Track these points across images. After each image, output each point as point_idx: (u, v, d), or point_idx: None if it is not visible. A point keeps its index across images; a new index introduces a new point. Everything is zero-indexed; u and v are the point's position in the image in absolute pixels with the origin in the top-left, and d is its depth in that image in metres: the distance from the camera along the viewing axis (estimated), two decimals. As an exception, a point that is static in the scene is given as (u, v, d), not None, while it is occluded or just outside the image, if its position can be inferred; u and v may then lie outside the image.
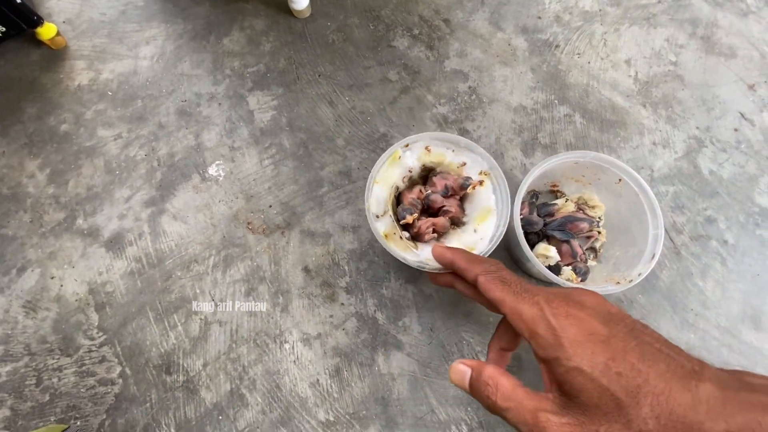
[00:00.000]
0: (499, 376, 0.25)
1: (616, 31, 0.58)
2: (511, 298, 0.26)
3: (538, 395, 0.24)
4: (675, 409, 0.19)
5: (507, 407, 0.24)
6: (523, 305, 0.25)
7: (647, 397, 0.20)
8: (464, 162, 0.43)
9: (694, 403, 0.19)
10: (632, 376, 0.20)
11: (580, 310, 0.24)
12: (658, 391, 0.20)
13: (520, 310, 0.25)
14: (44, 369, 0.45)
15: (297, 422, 0.42)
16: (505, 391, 0.24)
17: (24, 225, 0.50)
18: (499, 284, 0.27)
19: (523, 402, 0.24)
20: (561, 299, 0.24)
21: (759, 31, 0.58)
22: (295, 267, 0.48)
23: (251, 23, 0.60)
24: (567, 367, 0.22)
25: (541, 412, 0.22)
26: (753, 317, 0.46)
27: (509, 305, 0.26)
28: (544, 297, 0.25)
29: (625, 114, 0.54)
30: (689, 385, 0.20)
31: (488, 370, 0.26)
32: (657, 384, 0.20)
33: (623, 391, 0.20)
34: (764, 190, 0.51)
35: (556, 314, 0.24)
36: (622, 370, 0.21)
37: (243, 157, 0.52)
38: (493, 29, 0.59)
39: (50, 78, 0.57)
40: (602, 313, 0.24)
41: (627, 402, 0.20)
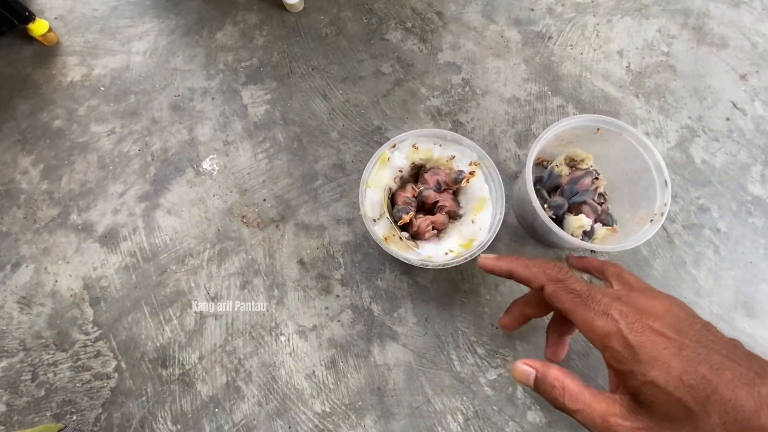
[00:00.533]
0: (565, 378, 0.26)
1: (609, 22, 0.59)
2: (582, 310, 0.26)
3: (605, 398, 0.25)
4: (740, 416, 0.21)
5: (576, 409, 0.25)
6: (596, 320, 0.25)
7: (716, 405, 0.21)
8: (453, 155, 0.43)
9: (757, 408, 0.21)
10: (702, 387, 0.21)
11: (654, 321, 0.24)
12: (725, 400, 0.21)
13: (593, 324, 0.25)
14: (39, 364, 0.45)
15: (293, 414, 0.43)
16: (573, 393, 0.25)
17: (18, 221, 0.50)
18: (568, 295, 0.27)
19: (592, 405, 0.25)
20: (635, 312, 0.25)
21: (751, 21, 0.59)
22: (290, 260, 0.48)
23: (244, 17, 0.60)
24: (642, 381, 0.23)
25: (611, 416, 0.24)
26: (746, 304, 0.46)
27: (580, 317, 0.26)
28: (618, 310, 0.25)
29: (617, 104, 0.54)
30: (753, 392, 0.21)
31: (553, 372, 0.27)
32: (724, 393, 0.21)
33: (694, 402, 0.21)
34: (756, 179, 0.51)
35: (631, 329, 0.24)
36: (694, 383, 0.22)
37: (237, 151, 0.52)
38: (486, 21, 0.59)
39: (42, 74, 0.56)
40: (674, 322, 0.24)
41: (697, 411, 0.21)
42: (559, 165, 0.48)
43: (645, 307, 0.25)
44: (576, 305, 0.26)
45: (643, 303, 0.26)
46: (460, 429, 0.42)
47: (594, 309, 0.25)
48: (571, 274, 0.28)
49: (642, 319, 0.24)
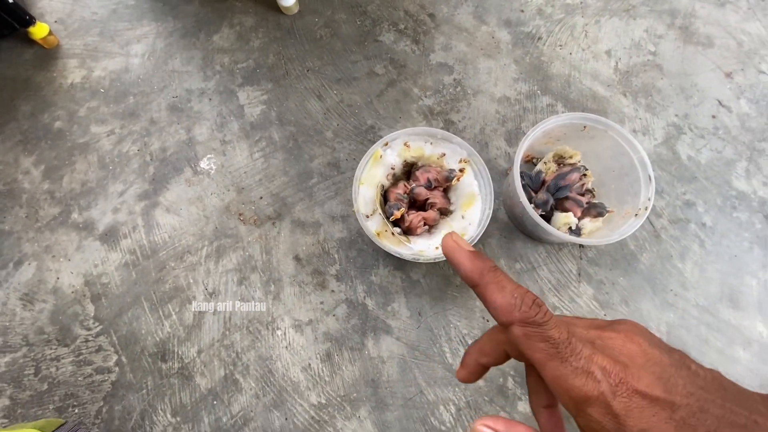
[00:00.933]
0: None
1: (597, 23, 0.60)
2: (557, 365, 0.20)
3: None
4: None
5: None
6: (572, 378, 0.20)
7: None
8: (443, 153, 0.45)
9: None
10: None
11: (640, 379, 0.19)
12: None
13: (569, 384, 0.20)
14: (42, 359, 0.46)
15: (290, 405, 0.44)
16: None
17: (20, 220, 0.51)
18: (542, 343, 0.21)
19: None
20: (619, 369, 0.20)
21: (736, 21, 0.60)
22: (286, 256, 0.49)
23: (240, 20, 0.61)
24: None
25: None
26: (731, 296, 0.47)
27: (553, 373, 0.20)
28: (600, 367, 0.20)
29: (606, 103, 0.55)
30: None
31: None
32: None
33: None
34: (741, 174, 0.52)
35: (616, 393, 0.19)
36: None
37: (234, 151, 0.54)
38: (477, 23, 0.60)
39: (43, 76, 0.58)
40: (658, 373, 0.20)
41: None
42: (548, 162, 0.49)
43: (625, 358, 0.20)
44: (549, 357, 0.20)
45: (620, 349, 0.21)
46: (453, 419, 0.43)
47: (571, 364, 0.20)
48: (550, 316, 0.21)
49: (628, 377, 0.19)
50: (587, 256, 0.49)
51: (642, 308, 0.47)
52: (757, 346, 0.46)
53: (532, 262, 0.49)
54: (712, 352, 0.46)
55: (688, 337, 0.46)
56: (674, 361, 0.20)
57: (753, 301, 0.47)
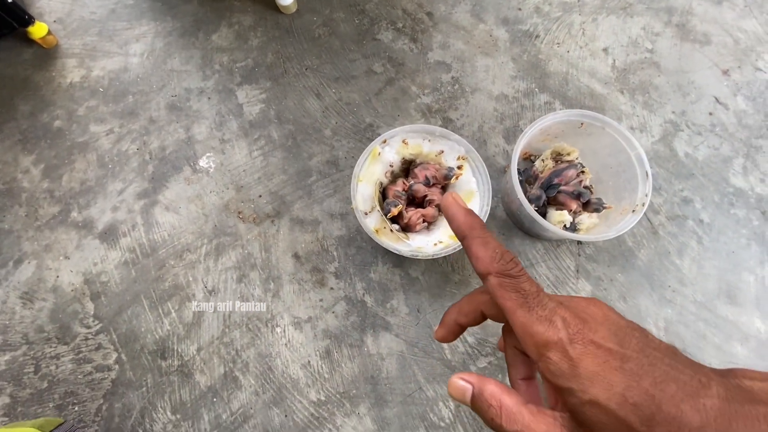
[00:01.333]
0: (502, 395, 0.24)
1: (594, 21, 0.60)
2: (524, 313, 0.23)
3: (545, 417, 0.23)
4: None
5: (513, 431, 0.23)
6: (537, 325, 0.22)
7: (661, 425, 0.20)
8: (441, 150, 0.45)
9: (702, 423, 0.20)
10: (647, 404, 0.20)
11: (596, 332, 0.22)
12: (670, 417, 0.20)
13: (533, 330, 0.23)
14: (42, 357, 0.46)
15: (289, 402, 0.44)
16: (510, 412, 0.23)
17: (20, 219, 0.51)
18: (514, 293, 0.24)
19: (531, 426, 0.22)
20: (579, 321, 0.23)
21: (733, 18, 0.60)
22: (285, 254, 0.49)
23: (239, 19, 0.61)
24: (582, 399, 0.21)
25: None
26: (728, 293, 0.48)
27: (520, 321, 0.23)
28: (561, 317, 0.23)
29: (603, 100, 0.56)
30: (698, 405, 0.20)
31: (490, 387, 0.24)
32: (669, 410, 0.20)
33: (639, 422, 0.20)
34: (738, 171, 0.52)
35: (573, 340, 0.22)
36: (638, 400, 0.21)
37: (233, 149, 0.54)
38: (474, 21, 0.60)
39: (43, 76, 0.58)
40: (614, 330, 0.23)
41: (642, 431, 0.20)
42: (545, 159, 0.49)
43: (586, 315, 0.23)
44: (518, 305, 0.23)
45: (583, 309, 0.24)
46: (452, 415, 0.43)
47: (537, 313, 0.23)
48: (524, 272, 0.24)
49: (585, 329, 0.22)
50: (585, 252, 0.49)
51: (640, 304, 0.47)
52: (754, 341, 0.46)
53: (530, 258, 0.49)
54: (709, 348, 0.46)
55: (686, 333, 0.46)
56: (631, 324, 0.23)
57: (750, 297, 0.48)
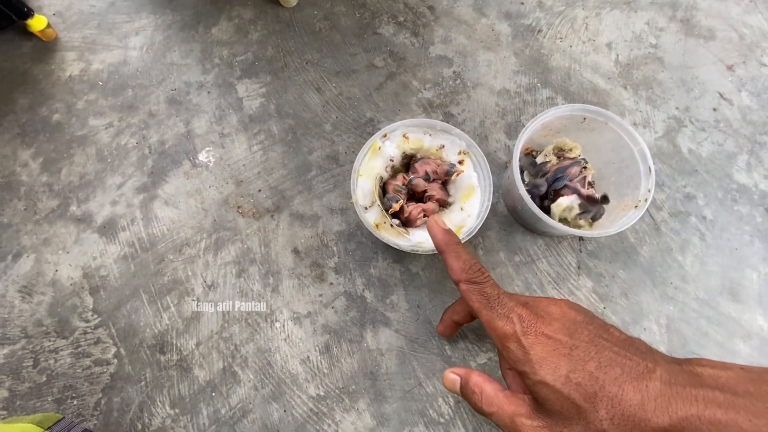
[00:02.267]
0: (484, 383, 0.29)
1: (598, 16, 0.60)
2: (487, 312, 0.28)
3: (515, 399, 0.27)
4: (626, 410, 0.22)
5: (491, 411, 0.27)
6: (497, 321, 0.27)
7: (603, 401, 0.23)
8: (442, 144, 0.44)
9: (643, 402, 0.22)
10: (590, 384, 0.23)
11: (548, 325, 0.26)
12: (612, 395, 0.22)
13: (495, 325, 0.27)
14: (41, 351, 0.46)
15: (288, 397, 0.44)
16: (489, 396, 0.28)
17: (18, 212, 0.51)
18: (479, 296, 0.29)
19: (504, 406, 0.27)
20: (532, 317, 0.27)
21: (738, 13, 0.60)
22: (285, 249, 0.49)
23: (239, 13, 0.60)
24: (534, 380, 0.25)
25: (517, 416, 0.26)
26: (731, 290, 0.47)
27: (485, 317, 0.28)
28: (517, 315, 0.27)
29: (606, 96, 0.55)
30: (640, 386, 0.22)
31: (474, 377, 0.29)
32: (611, 389, 0.23)
33: (582, 399, 0.23)
34: (742, 167, 0.52)
35: (526, 332, 0.26)
36: (581, 380, 0.23)
37: (232, 144, 0.53)
38: (476, 15, 0.60)
39: (41, 69, 0.57)
40: (568, 325, 0.26)
41: (586, 407, 0.23)
42: (548, 155, 0.49)
43: (543, 312, 0.27)
44: (482, 306, 0.28)
45: (543, 308, 0.28)
46: (451, 411, 0.43)
47: (497, 311, 0.28)
48: (488, 279, 0.30)
49: (537, 323, 0.26)
50: (587, 248, 0.49)
51: (642, 301, 0.47)
52: (757, 339, 0.46)
53: (531, 254, 0.48)
54: (712, 345, 0.46)
55: (688, 330, 0.46)
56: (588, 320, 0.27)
57: (753, 294, 0.47)
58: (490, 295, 0.29)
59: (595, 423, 0.23)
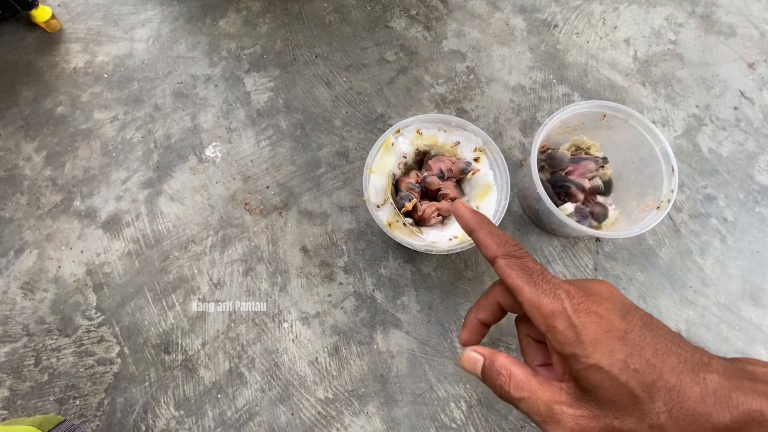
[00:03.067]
0: (512, 365, 0.25)
1: (615, 11, 0.58)
2: (531, 288, 0.25)
3: (552, 386, 0.24)
4: (685, 402, 0.20)
5: (521, 397, 0.24)
6: (543, 297, 0.24)
7: (661, 391, 0.21)
8: (457, 141, 0.43)
9: (702, 395, 0.20)
10: (648, 372, 0.21)
11: (600, 304, 0.24)
12: (670, 386, 0.21)
13: (540, 302, 0.24)
14: (43, 349, 0.45)
15: (296, 400, 0.42)
16: (519, 381, 0.25)
17: (21, 207, 0.50)
18: (520, 271, 0.26)
19: (537, 392, 0.24)
20: (582, 294, 0.24)
21: (759, 10, 0.58)
22: (293, 247, 0.48)
23: (247, 5, 0.59)
24: (586, 364, 0.22)
25: (555, 404, 0.23)
26: (752, 294, 0.46)
27: (528, 295, 0.25)
28: (565, 291, 0.24)
29: (624, 93, 0.53)
30: (698, 378, 0.21)
31: (501, 358, 0.26)
32: (670, 379, 0.21)
33: (639, 387, 0.21)
34: (764, 168, 0.50)
35: (577, 310, 0.23)
36: (639, 367, 0.21)
37: (240, 139, 0.52)
38: (491, 9, 0.58)
39: (46, 61, 0.56)
40: (619, 306, 0.24)
41: (642, 397, 0.21)
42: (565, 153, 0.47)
43: (591, 290, 0.25)
44: (525, 282, 0.25)
45: (590, 286, 0.25)
46: (464, 416, 0.42)
47: (542, 287, 0.25)
48: (527, 254, 0.27)
49: (588, 301, 0.24)
50: (604, 250, 0.47)
51: (660, 305, 0.45)
52: (779, 345, 0.44)
53: (546, 255, 0.47)
54: (732, 351, 0.44)
55: (707, 335, 0.45)
56: (633, 305, 0.25)
57: (775, 299, 0.46)
58: (532, 270, 0.25)
59: (651, 415, 0.21)
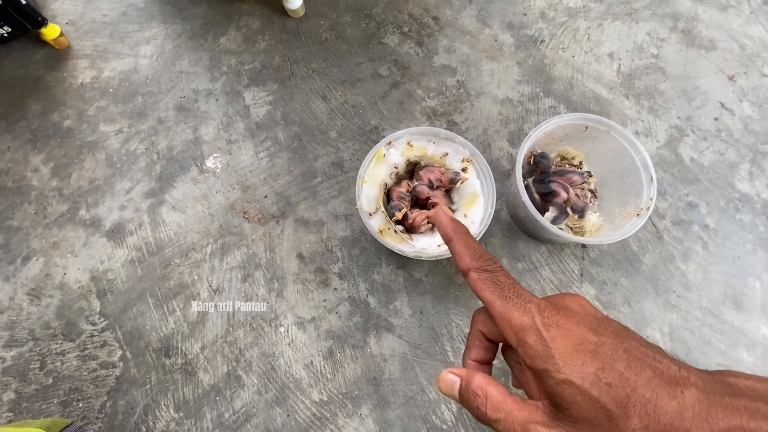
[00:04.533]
0: (488, 386, 0.25)
1: (599, 26, 0.60)
2: (502, 302, 0.25)
3: (527, 405, 0.24)
4: (662, 418, 0.20)
5: (497, 418, 0.24)
6: (513, 311, 0.24)
7: (636, 406, 0.20)
8: (446, 152, 0.45)
9: (680, 410, 0.20)
10: (621, 386, 0.21)
11: (570, 318, 0.23)
12: (645, 400, 0.20)
13: (510, 316, 0.24)
14: (48, 353, 0.46)
15: (292, 402, 0.44)
16: (495, 401, 0.24)
17: (29, 216, 0.52)
18: (491, 285, 0.26)
19: (513, 413, 0.23)
20: (552, 308, 0.24)
21: (738, 24, 0.60)
22: (290, 254, 0.49)
23: (247, 23, 0.62)
24: (557, 379, 0.22)
25: (531, 424, 0.23)
26: (734, 298, 0.47)
27: (498, 309, 0.25)
28: (536, 305, 0.24)
29: (608, 105, 0.56)
30: (675, 392, 0.20)
31: (477, 379, 0.26)
32: (644, 393, 0.20)
33: (613, 403, 0.20)
34: (744, 177, 0.52)
35: (546, 324, 0.23)
36: (612, 381, 0.21)
37: (239, 150, 0.54)
38: (480, 26, 0.61)
39: (54, 76, 0.59)
40: (590, 319, 0.24)
41: (617, 413, 0.20)
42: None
43: (561, 304, 0.25)
44: (496, 296, 0.25)
45: (561, 301, 0.25)
46: (454, 418, 0.43)
47: (513, 301, 0.25)
48: (501, 268, 0.27)
49: (558, 315, 0.23)
50: (589, 256, 0.49)
51: (644, 309, 0.47)
52: (760, 348, 0.46)
53: (534, 262, 0.49)
54: (715, 354, 0.45)
55: (691, 339, 0.46)
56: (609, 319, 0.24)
57: (756, 303, 0.47)
58: (504, 284, 0.26)
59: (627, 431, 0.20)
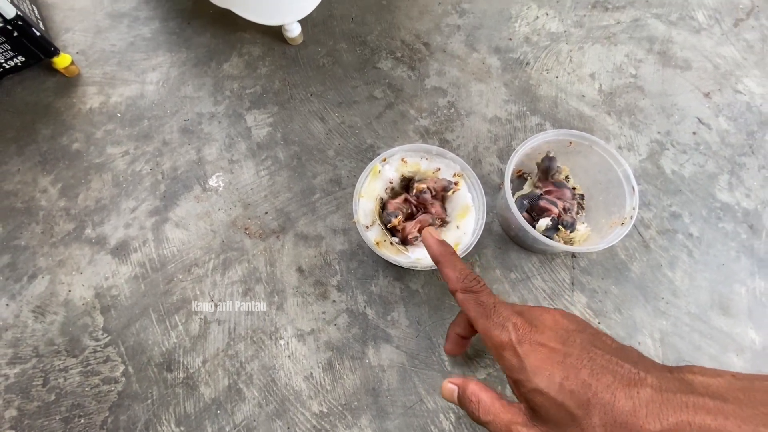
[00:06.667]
0: (480, 391, 0.29)
1: (581, 49, 0.64)
2: (484, 320, 0.29)
3: (512, 408, 0.28)
4: (619, 417, 0.23)
5: (487, 420, 0.28)
6: (494, 330, 0.28)
7: (596, 408, 0.23)
8: (438, 167, 0.48)
9: (635, 408, 0.22)
10: (583, 391, 0.24)
11: (542, 334, 0.27)
12: (604, 402, 0.23)
13: (491, 334, 0.28)
14: (51, 370, 0.47)
15: (292, 414, 0.44)
16: (485, 405, 0.28)
17: (36, 235, 0.53)
18: (475, 305, 0.30)
19: (500, 415, 0.27)
20: (527, 326, 0.28)
21: (711, 45, 0.64)
22: (290, 268, 0.51)
23: (249, 50, 0.65)
24: (528, 388, 0.25)
25: (513, 425, 0.26)
26: (721, 304, 0.49)
27: (481, 327, 0.29)
28: (513, 323, 0.28)
29: (591, 122, 0.59)
30: (632, 393, 0.23)
31: (471, 386, 0.30)
32: (604, 396, 0.23)
33: (576, 406, 0.24)
34: (724, 187, 0.55)
35: (521, 341, 0.27)
36: (575, 388, 0.24)
37: (241, 169, 0.57)
38: (468, 50, 0.65)
39: (64, 102, 0.62)
40: (561, 333, 0.27)
41: (580, 414, 0.23)
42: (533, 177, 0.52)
43: (537, 321, 0.28)
44: (479, 315, 0.29)
45: (537, 316, 0.29)
46: (452, 427, 0.44)
47: (493, 320, 0.28)
48: (484, 288, 0.31)
49: (532, 332, 0.27)
50: (579, 265, 0.51)
51: (635, 315, 0.48)
52: (749, 353, 0.47)
53: (526, 272, 0.50)
54: (705, 359, 0.47)
55: (681, 344, 0.47)
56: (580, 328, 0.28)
57: (743, 308, 0.49)
58: (486, 304, 0.30)
59: (588, 430, 0.23)
